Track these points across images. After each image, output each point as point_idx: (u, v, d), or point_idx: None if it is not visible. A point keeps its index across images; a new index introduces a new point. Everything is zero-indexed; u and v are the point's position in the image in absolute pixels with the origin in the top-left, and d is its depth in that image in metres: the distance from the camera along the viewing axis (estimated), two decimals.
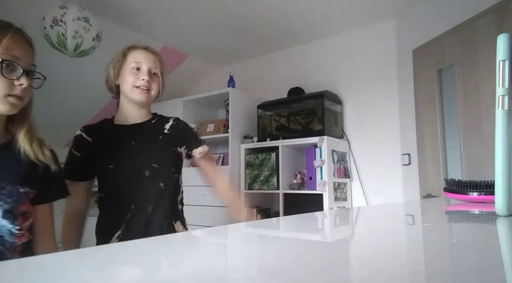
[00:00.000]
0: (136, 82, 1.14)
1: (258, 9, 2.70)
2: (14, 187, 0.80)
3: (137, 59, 1.16)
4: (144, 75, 1.14)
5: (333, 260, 0.31)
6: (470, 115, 2.07)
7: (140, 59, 1.16)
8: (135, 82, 1.14)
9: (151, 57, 1.18)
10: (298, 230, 0.53)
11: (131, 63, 1.15)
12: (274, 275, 0.26)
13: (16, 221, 0.80)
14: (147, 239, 0.46)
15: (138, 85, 1.14)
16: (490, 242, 0.39)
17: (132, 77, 1.14)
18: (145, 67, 1.15)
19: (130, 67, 1.15)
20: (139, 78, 1.14)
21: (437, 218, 0.66)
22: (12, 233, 0.79)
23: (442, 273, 0.25)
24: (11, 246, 0.79)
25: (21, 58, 0.79)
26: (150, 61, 1.17)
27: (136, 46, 1.20)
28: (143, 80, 1.13)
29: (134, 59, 1.16)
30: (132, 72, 1.15)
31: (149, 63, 1.16)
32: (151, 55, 1.19)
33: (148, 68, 1.16)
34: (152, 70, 1.17)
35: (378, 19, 2.86)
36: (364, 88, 2.94)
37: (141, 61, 1.16)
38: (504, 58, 0.49)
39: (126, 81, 1.15)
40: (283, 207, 2.81)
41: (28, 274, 0.28)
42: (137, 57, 1.16)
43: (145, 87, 1.14)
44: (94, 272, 0.28)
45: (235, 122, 3.11)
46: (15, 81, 0.78)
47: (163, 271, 0.28)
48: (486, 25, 2.00)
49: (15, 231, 0.79)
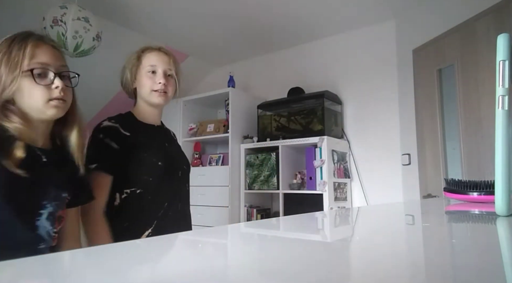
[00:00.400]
0: (153, 86, 1.15)
1: (258, 9, 2.70)
2: (58, 192, 0.85)
3: (152, 62, 1.17)
4: (161, 78, 1.16)
5: (333, 260, 0.31)
6: (470, 115, 2.07)
7: (155, 62, 1.17)
8: (153, 86, 1.15)
9: (165, 58, 1.19)
10: (298, 230, 0.53)
11: (147, 66, 1.17)
12: (274, 275, 0.26)
13: (55, 224, 0.84)
14: (147, 239, 0.46)
15: (156, 89, 1.15)
16: (490, 242, 0.39)
17: (149, 81, 1.16)
18: (160, 70, 1.17)
19: (146, 71, 1.17)
20: (156, 82, 1.15)
21: (437, 218, 0.66)
22: (50, 235, 0.83)
23: (442, 273, 0.25)
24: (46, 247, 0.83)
25: (49, 62, 0.82)
26: (165, 63, 1.18)
27: (150, 48, 1.21)
28: (160, 84, 1.15)
29: (149, 63, 1.17)
30: (148, 76, 1.16)
31: (164, 65, 1.18)
32: (165, 57, 1.20)
33: (164, 71, 1.17)
34: (167, 72, 1.18)
35: (378, 19, 2.86)
36: (364, 88, 2.94)
37: (156, 64, 1.17)
38: (504, 58, 0.49)
39: (143, 85, 1.17)
40: (283, 207, 2.81)
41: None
42: (152, 60, 1.17)
43: (162, 90, 1.16)
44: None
45: (235, 122, 3.11)
46: (51, 86, 0.81)
47: (163, 271, 0.28)
48: (486, 25, 2.00)
49: (53, 234, 0.84)
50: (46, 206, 0.82)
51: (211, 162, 3.36)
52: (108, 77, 3.39)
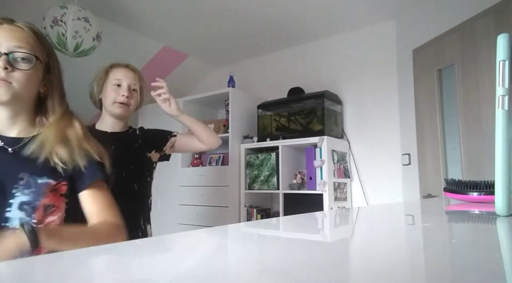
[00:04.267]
0: (117, 98, 1.26)
1: (258, 9, 2.70)
2: (31, 178, 0.78)
3: (118, 76, 1.29)
4: (124, 91, 1.27)
5: (333, 260, 0.31)
6: (470, 115, 2.07)
7: (121, 76, 1.29)
8: (116, 98, 1.26)
9: (131, 74, 1.31)
10: (298, 230, 0.53)
11: (113, 80, 1.28)
12: (274, 275, 0.26)
13: (34, 214, 0.78)
14: (146, 239, 0.46)
15: (119, 101, 1.26)
16: (490, 242, 0.39)
17: (113, 93, 1.27)
18: (125, 84, 1.28)
19: (111, 84, 1.28)
20: (120, 94, 1.26)
21: (437, 218, 0.66)
22: None
23: (442, 273, 0.25)
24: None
25: (1, 42, 0.77)
26: (130, 79, 1.30)
27: (118, 64, 1.32)
28: (123, 96, 1.26)
29: (115, 77, 1.28)
30: (113, 89, 1.27)
31: (129, 80, 1.29)
32: (130, 73, 1.31)
33: (128, 85, 1.28)
34: (132, 86, 1.29)
35: (378, 19, 2.86)
36: (364, 88, 2.94)
37: (121, 79, 1.28)
38: (504, 58, 0.49)
39: (107, 97, 1.28)
40: (283, 207, 2.81)
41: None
42: (118, 75, 1.29)
43: (124, 102, 1.26)
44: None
45: (235, 122, 3.11)
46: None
47: (163, 270, 0.28)
48: (486, 25, 2.00)
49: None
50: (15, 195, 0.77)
51: (211, 162, 3.36)
52: None
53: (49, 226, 0.80)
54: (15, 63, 0.78)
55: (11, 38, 0.78)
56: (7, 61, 0.76)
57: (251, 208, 3.02)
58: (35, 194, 0.78)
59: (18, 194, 0.77)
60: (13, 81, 0.77)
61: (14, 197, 0.77)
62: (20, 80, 0.78)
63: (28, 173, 0.78)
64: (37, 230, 0.65)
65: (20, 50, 0.78)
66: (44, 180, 0.80)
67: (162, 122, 2.04)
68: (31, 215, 0.77)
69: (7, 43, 0.77)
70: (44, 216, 0.79)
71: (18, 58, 0.78)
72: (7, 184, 0.77)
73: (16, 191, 0.77)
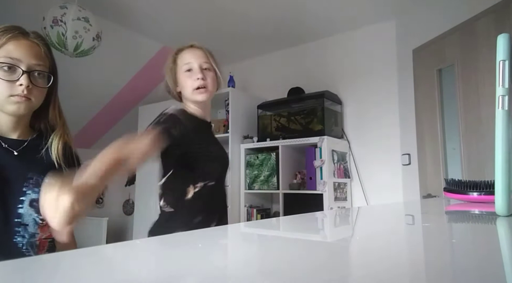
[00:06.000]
0: (194, 84, 1.12)
1: (258, 9, 2.70)
2: (40, 178, 0.84)
3: (186, 60, 1.15)
4: (197, 73, 1.13)
5: (333, 260, 0.31)
6: (470, 115, 2.07)
7: (189, 59, 1.15)
8: (194, 85, 1.13)
9: (199, 53, 1.17)
10: (298, 230, 0.53)
11: (182, 66, 1.15)
12: (274, 275, 0.26)
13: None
14: (145, 239, 0.46)
15: (196, 86, 1.12)
16: (490, 242, 0.39)
17: (188, 80, 1.14)
18: (195, 65, 1.14)
19: (183, 71, 1.15)
20: (194, 79, 1.13)
21: (437, 218, 0.66)
22: (36, 222, 0.83)
23: (442, 273, 0.25)
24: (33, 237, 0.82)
25: (22, 59, 0.81)
26: (199, 57, 1.16)
27: (182, 47, 1.20)
28: (198, 80, 1.12)
29: (184, 62, 1.16)
30: (186, 75, 1.14)
31: (199, 60, 1.15)
32: (198, 51, 1.17)
33: (199, 65, 1.14)
34: (203, 65, 1.16)
35: (378, 19, 2.86)
36: (364, 88, 2.93)
37: (190, 61, 1.15)
38: (504, 58, 0.49)
39: (184, 86, 1.15)
40: (283, 207, 2.81)
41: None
42: (185, 58, 1.16)
43: (202, 86, 1.13)
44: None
45: (235, 122, 3.11)
46: (16, 82, 0.81)
47: (163, 270, 0.28)
48: (486, 25, 2.00)
49: (39, 221, 0.83)
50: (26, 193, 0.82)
51: None
52: (108, 77, 3.39)
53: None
54: (34, 80, 0.83)
55: (30, 55, 0.83)
56: (29, 79, 0.82)
57: (251, 208, 3.02)
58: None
59: (29, 192, 0.82)
60: (32, 97, 0.83)
61: (25, 195, 0.82)
62: (37, 96, 0.85)
63: (37, 173, 0.85)
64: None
65: (39, 68, 0.84)
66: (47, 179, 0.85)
67: None
68: (39, 212, 0.81)
69: (28, 60, 0.82)
70: None
71: (36, 75, 0.84)
72: (17, 184, 0.82)
73: (27, 189, 0.82)
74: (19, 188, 0.82)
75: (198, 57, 1.16)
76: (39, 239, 0.84)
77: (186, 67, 1.14)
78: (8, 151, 0.84)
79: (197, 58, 1.15)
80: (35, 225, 0.83)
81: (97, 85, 3.23)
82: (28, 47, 0.83)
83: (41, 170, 0.86)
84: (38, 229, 0.84)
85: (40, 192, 0.80)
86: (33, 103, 0.84)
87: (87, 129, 3.70)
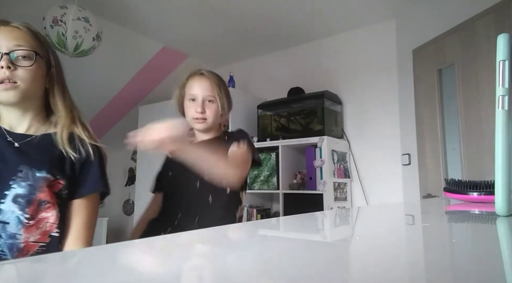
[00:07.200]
0: (194, 115, 1.19)
1: (258, 9, 2.70)
2: (30, 170, 0.77)
3: (192, 91, 1.20)
4: (198, 106, 1.18)
5: (333, 260, 0.31)
6: (470, 115, 2.07)
7: (195, 90, 1.20)
8: (194, 115, 1.19)
9: (205, 84, 1.20)
10: (298, 230, 0.53)
11: (188, 95, 1.21)
12: (274, 275, 0.26)
13: (27, 208, 0.75)
14: (145, 239, 0.46)
15: (195, 117, 1.19)
16: (490, 242, 0.39)
17: (190, 109, 1.20)
18: (200, 98, 1.19)
19: (187, 99, 1.21)
20: (195, 110, 1.18)
21: (437, 218, 0.66)
22: (19, 221, 0.74)
23: (442, 273, 0.25)
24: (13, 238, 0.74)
25: (1, 43, 0.78)
26: (205, 90, 1.19)
27: (193, 74, 1.23)
28: (198, 112, 1.18)
29: (190, 91, 1.20)
30: (189, 105, 1.20)
31: (204, 92, 1.19)
32: (205, 83, 1.21)
33: (203, 99, 1.19)
34: (207, 98, 1.20)
35: (378, 19, 2.86)
36: (364, 88, 2.93)
37: (195, 93, 1.19)
38: (504, 58, 0.49)
39: (186, 114, 1.22)
40: (283, 207, 2.81)
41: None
42: (192, 89, 1.20)
43: (200, 117, 1.18)
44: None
45: (235, 122, 3.11)
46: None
47: (163, 270, 0.28)
48: (486, 25, 2.00)
49: (23, 219, 0.74)
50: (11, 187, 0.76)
51: None
52: (108, 77, 3.39)
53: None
54: (17, 62, 0.79)
55: (10, 38, 0.79)
56: (9, 60, 0.78)
57: (251, 208, 3.02)
58: (32, 187, 0.77)
59: (14, 186, 0.76)
60: (17, 80, 0.79)
61: (10, 189, 0.75)
62: (24, 78, 0.80)
63: (28, 165, 0.78)
64: None
65: (20, 48, 0.80)
66: (43, 174, 0.79)
67: None
68: (24, 209, 0.75)
69: (7, 43, 0.79)
70: (37, 211, 0.77)
71: (19, 56, 0.80)
72: (5, 176, 0.76)
73: (13, 182, 0.76)
74: (5, 181, 0.75)
75: (203, 89, 1.20)
76: (24, 241, 0.75)
77: (191, 96, 1.20)
78: (10, 143, 0.80)
79: (202, 90, 1.19)
80: (18, 224, 0.74)
81: (97, 85, 3.23)
82: (6, 31, 0.80)
83: (39, 164, 0.79)
84: (22, 229, 0.75)
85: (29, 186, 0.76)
86: (22, 87, 0.79)
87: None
